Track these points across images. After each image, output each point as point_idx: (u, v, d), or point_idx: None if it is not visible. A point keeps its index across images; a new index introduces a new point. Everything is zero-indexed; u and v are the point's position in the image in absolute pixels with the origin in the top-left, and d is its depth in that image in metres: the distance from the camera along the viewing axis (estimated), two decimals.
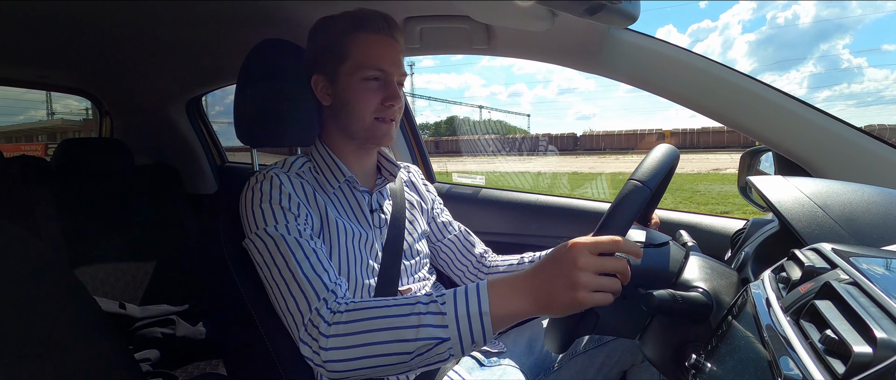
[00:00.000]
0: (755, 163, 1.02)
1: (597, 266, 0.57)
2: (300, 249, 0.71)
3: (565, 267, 0.57)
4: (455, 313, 0.61)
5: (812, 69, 33.88)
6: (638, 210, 0.60)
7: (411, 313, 0.62)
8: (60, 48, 1.45)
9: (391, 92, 0.84)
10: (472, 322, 0.61)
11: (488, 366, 0.90)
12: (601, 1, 0.67)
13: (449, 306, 0.62)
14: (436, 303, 0.62)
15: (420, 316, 0.62)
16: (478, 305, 0.61)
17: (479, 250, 1.08)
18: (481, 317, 0.61)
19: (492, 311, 0.61)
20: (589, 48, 1.01)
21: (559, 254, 0.59)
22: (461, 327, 0.61)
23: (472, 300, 0.61)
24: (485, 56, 1.24)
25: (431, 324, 0.61)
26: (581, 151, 27.44)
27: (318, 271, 0.70)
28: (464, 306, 0.61)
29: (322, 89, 0.87)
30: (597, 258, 0.57)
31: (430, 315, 0.62)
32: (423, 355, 0.62)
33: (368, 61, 0.83)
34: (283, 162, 0.87)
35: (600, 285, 0.57)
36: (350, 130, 0.86)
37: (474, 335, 0.61)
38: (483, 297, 0.61)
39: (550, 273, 0.59)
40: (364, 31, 0.84)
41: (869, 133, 0.87)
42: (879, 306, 0.33)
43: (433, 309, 0.62)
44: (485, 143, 19.97)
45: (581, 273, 0.56)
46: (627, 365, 0.98)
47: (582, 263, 0.56)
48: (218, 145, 2.09)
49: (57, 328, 0.70)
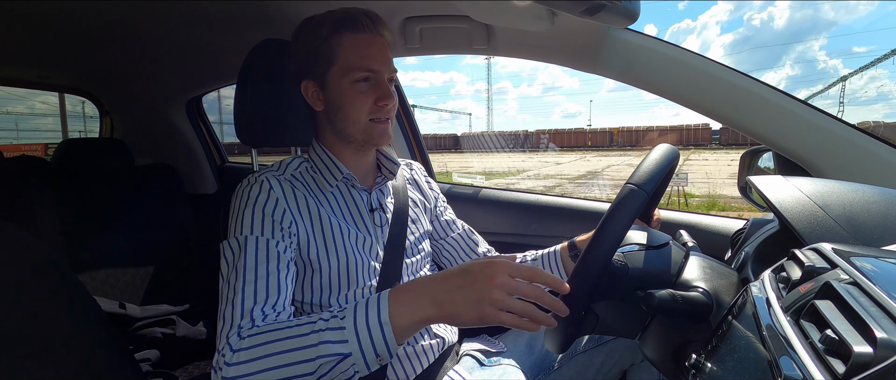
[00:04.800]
0: (755, 163, 1.02)
1: (511, 288, 0.57)
2: (255, 270, 0.70)
3: (480, 280, 0.57)
4: (354, 326, 0.60)
5: (789, 72, 33.68)
6: (635, 214, 0.60)
7: (311, 332, 0.61)
8: (60, 48, 1.45)
9: (383, 91, 0.82)
10: (372, 333, 0.59)
11: (488, 366, 0.90)
12: (601, 1, 0.67)
13: (348, 320, 0.60)
14: (336, 318, 0.61)
15: (320, 333, 0.60)
16: (377, 314, 0.60)
17: (483, 249, 1.08)
18: (381, 327, 0.59)
19: (393, 320, 0.59)
20: (589, 48, 1.01)
21: (476, 267, 0.59)
22: (361, 339, 0.59)
23: (372, 311, 0.60)
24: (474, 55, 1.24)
25: (331, 340, 0.59)
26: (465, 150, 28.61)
27: (259, 297, 0.68)
28: (363, 317, 0.60)
29: (313, 95, 0.85)
30: (513, 281, 0.57)
31: (329, 331, 0.60)
32: (327, 375, 0.60)
33: (357, 62, 0.81)
34: (279, 164, 0.86)
35: (510, 306, 0.57)
36: (346, 133, 0.84)
37: (377, 347, 0.60)
38: (383, 305, 0.60)
39: (461, 282, 0.59)
40: (349, 32, 0.81)
41: (869, 133, 0.87)
42: (879, 306, 0.33)
43: (333, 324, 0.61)
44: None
45: (494, 289, 0.57)
46: (627, 365, 0.98)
47: (498, 281, 0.57)
48: (218, 145, 2.09)
49: (57, 328, 0.70)
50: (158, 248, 1.65)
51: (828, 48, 48.14)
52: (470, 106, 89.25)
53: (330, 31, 0.81)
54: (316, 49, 0.82)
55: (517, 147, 28.79)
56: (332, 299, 0.81)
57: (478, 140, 34.62)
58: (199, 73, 1.70)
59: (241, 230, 0.74)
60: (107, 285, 1.52)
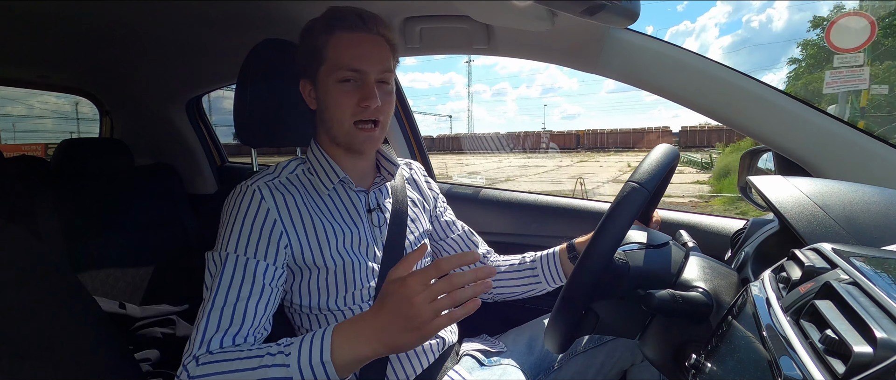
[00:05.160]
0: (755, 163, 1.02)
1: (428, 296, 0.57)
2: (226, 293, 0.71)
3: (402, 307, 0.58)
4: (298, 363, 0.62)
5: (788, 72, 33.14)
6: (636, 212, 0.60)
7: (259, 366, 0.63)
8: (60, 48, 1.45)
9: (366, 92, 0.79)
10: (314, 371, 0.61)
11: (488, 366, 0.90)
12: (601, 1, 0.67)
13: (293, 357, 0.62)
14: (282, 354, 0.63)
15: (266, 369, 0.62)
16: (321, 353, 0.61)
17: (482, 251, 1.08)
18: (324, 365, 0.61)
19: (335, 358, 0.61)
20: (588, 48, 1.01)
21: (391, 294, 0.59)
22: (304, 376, 0.62)
23: (315, 349, 0.62)
24: (475, 55, 1.24)
25: (275, 376, 0.62)
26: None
27: (223, 324, 0.69)
28: (307, 354, 0.62)
29: (309, 94, 0.85)
30: (428, 289, 0.57)
31: (275, 368, 0.62)
32: None
33: (341, 62, 0.79)
34: (275, 167, 0.85)
35: (439, 308, 0.57)
36: (332, 134, 0.84)
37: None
38: (325, 345, 0.62)
39: (388, 315, 0.59)
40: (339, 31, 0.80)
41: (869, 133, 0.87)
42: (879, 306, 0.33)
43: (278, 360, 0.62)
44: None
45: (415, 309, 0.57)
46: (627, 365, 0.98)
47: (416, 299, 0.57)
48: (218, 145, 2.10)
49: (57, 328, 0.70)
50: (158, 248, 1.65)
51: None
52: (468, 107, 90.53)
53: (321, 29, 0.81)
54: (310, 48, 0.82)
55: (479, 149, 29.35)
56: (332, 301, 0.81)
57: (444, 142, 37.20)
58: (199, 73, 1.70)
59: (227, 245, 0.74)
60: (107, 285, 1.52)
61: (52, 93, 2.01)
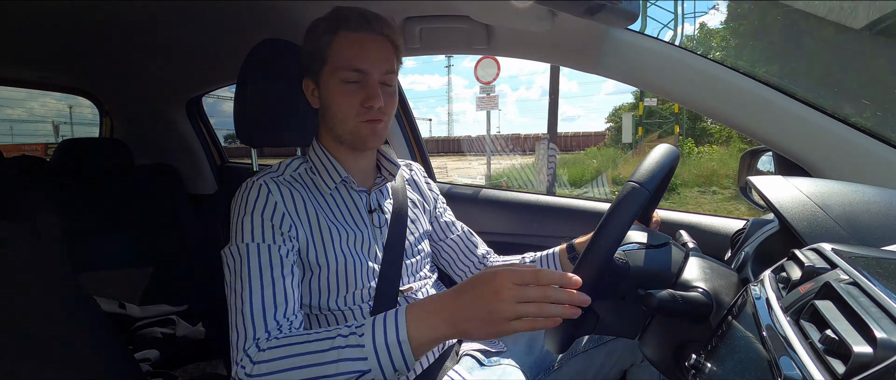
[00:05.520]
0: (755, 163, 1.02)
1: (517, 296, 0.57)
2: (260, 278, 0.71)
3: (486, 297, 0.57)
4: (373, 343, 0.61)
5: None
6: (636, 211, 0.60)
7: (331, 348, 0.62)
8: (60, 48, 1.45)
9: (370, 92, 0.80)
10: (390, 351, 0.60)
11: (488, 365, 0.90)
12: (601, 1, 0.67)
13: (367, 337, 0.61)
14: (354, 335, 0.62)
15: (339, 350, 0.61)
16: (396, 333, 0.61)
17: (482, 252, 1.08)
18: (400, 345, 0.60)
19: (411, 338, 0.60)
20: (588, 48, 1.01)
21: (481, 283, 0.59)
22: (380, 357, 0.61)
23: (390, 329, 0.61)
24: (468, 55, 1.24)
25: (350, 357, 0.61)
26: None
27: (267, 305, 0.69)
28: (382, 335, 0.61)
29: (311, 93, 0.86)
30: (518, 289, 0.57)
31: (348, 348, 0.61)
32: None
33: (344, 62, 0.80)
34: (279, 165, 0.86)
35: (521, 313, 0.57)
36: (336, 133, 0.84)
37: (395, 364, 0.61)
38: (401, 325, 0.61)
39: (471, 301, 0.59)
40: (343, 31, 0.81)
41: (869, 133, 0.87)
42: (879, 306, 0.33)
43: (352, 341, 0.62)
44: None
45: (501, 304, 0.56)
46: (627, 365, 0.98)
47: (504, 294, 0.57)
48: (218, 145, 2.10)
49: (57, 328, 0.70)
50: (158, 248, 1.65)
51: None
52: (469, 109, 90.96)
53: (325, 30, 0.81)
54: (314, 48, 0.83)
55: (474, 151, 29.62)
56: (332, 301, 0.81)
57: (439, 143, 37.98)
58: (199, 73, 1.70)
59: (242, 237, 0.74)
60: (107, 284, 1.52)
61: (51, 93, 2.01)
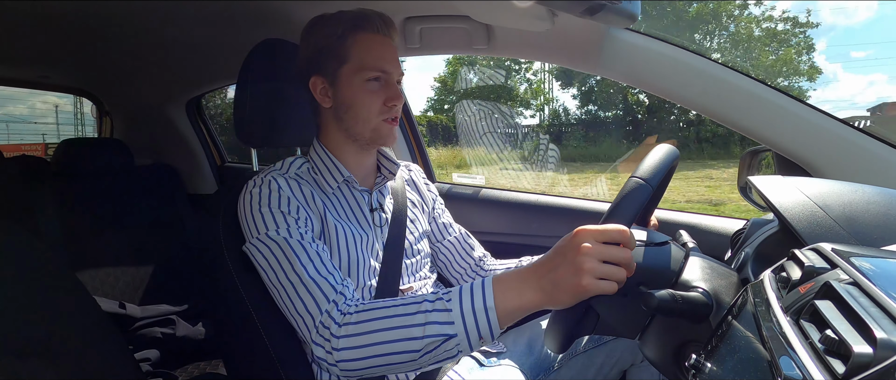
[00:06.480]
0: (755, 163, 1.02)
1: (601, 253, 0.56)
2: (304, 253, 0.72)
3: (570, 253, 0.57)
4: (461, 309, 0.62)
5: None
6: (640, 207, 0.60)
7: (418, 312, 0.63)
8: (61, 48, 1.45)
9: (393, 92, 0.85)
10: (477, 317, 0.61)
11: (488, 366, 0.90)
12: (601, 1, 0.67)
13: (455, 303, 0.62)
14: (441, 300, 0.63)
15: (427, 314, 0.63)
16: (483, 300, 0.61)
17: (478, 254, 1.08)
18: (487, 312, 0.61)
19: (497, 305, 0.61)
20: (588, 48, 1.01)
21: (564, 241, 0.59)
22: (467, 323, 0.61)
23: (477, 296, 0.62)
24: (472, 55, 1.24)
25: (438, 321, 0.62)
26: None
27: (324, 274, 0.71)
28: (469, 301, 0.62)
29: (321, 91, 0.86)
30: (602, 246, 0.56)
31: (436, 313, 0.63)
32: (432, 353, 0.63)
33: (370, 62, 0.83)
34: (282, 163, 0.86)
35: (605, 273, 0.56)
36: (354, 131, 0.86)
37: (481, 331, 0.62)
38: (488, 292, 0.62)
39: (556, 261, 0.59)
40: (364, 32, 0.84)
41: (869, 133, 0.87)
42: (879, 306, 0.33)
43: (439, 306, 0.63)
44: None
45: (585, 258, 0.56)
46: (627, 365, 0.98)
47: (586, 249, 0.56)
48: (218, 145, 2.10)
49: (57, 328, 0.70)
50: (158, 248, 1.65)
51: (827, 53, 47.51)
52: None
53: (346, 29, 0.83)
54: (329, 46, 0.84)
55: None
56: None
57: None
58: (199, 73, 1.70)
59: (259, 230, 0.75)
60: (107, 284, 1.52)
61: (50, 93, 2.01)
